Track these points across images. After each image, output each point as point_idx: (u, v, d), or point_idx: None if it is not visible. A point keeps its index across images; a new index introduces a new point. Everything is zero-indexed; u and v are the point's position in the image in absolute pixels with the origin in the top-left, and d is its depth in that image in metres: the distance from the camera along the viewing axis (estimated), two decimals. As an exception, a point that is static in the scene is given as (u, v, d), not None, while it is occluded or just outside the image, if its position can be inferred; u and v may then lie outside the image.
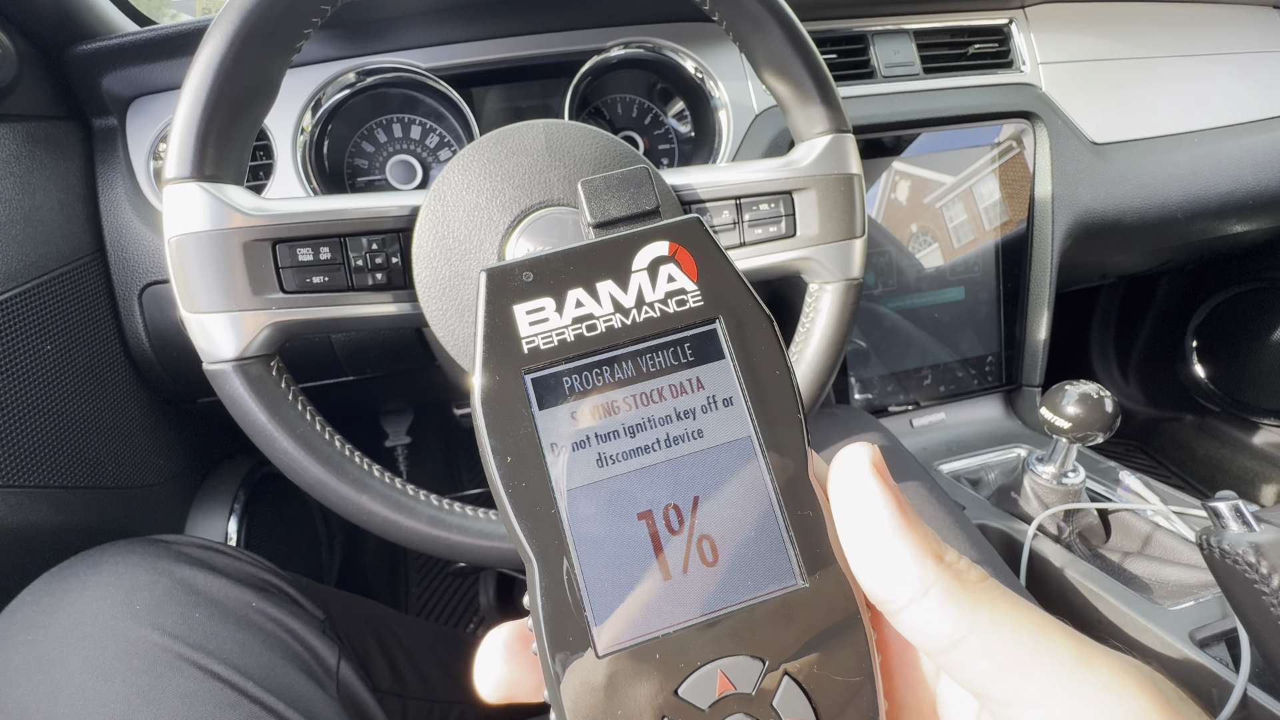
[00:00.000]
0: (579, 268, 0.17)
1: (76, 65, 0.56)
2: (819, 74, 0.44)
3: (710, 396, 0.17)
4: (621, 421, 0.16)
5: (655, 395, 0.17)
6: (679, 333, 0.17)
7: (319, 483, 0.40)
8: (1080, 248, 0.81)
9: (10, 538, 0.45)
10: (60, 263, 0.53)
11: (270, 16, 0.37)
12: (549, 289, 0.17)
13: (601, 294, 0.17)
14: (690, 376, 0.17)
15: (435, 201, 0.42)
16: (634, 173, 0.20)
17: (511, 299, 0.17)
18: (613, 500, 0.16)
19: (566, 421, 0.16)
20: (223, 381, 0.38)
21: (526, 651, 0.16)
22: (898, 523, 0.15)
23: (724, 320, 0.17)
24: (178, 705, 0.35)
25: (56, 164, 0.56)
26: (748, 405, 0.17)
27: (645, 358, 0.17)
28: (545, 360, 0.17)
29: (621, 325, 0.17)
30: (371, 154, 0.72)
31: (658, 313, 0.17)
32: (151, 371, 0.61)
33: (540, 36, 0.67)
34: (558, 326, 0.17)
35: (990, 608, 0.14)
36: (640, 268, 0.18)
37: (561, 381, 0.17)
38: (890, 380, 0.80)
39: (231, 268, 0.38)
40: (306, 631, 0.44)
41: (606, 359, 0.17)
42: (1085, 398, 0.56)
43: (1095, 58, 0.82)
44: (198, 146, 0.37)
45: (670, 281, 0.17)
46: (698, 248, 0.18)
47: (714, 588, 0.16)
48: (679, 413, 0.17)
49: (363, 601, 0.55)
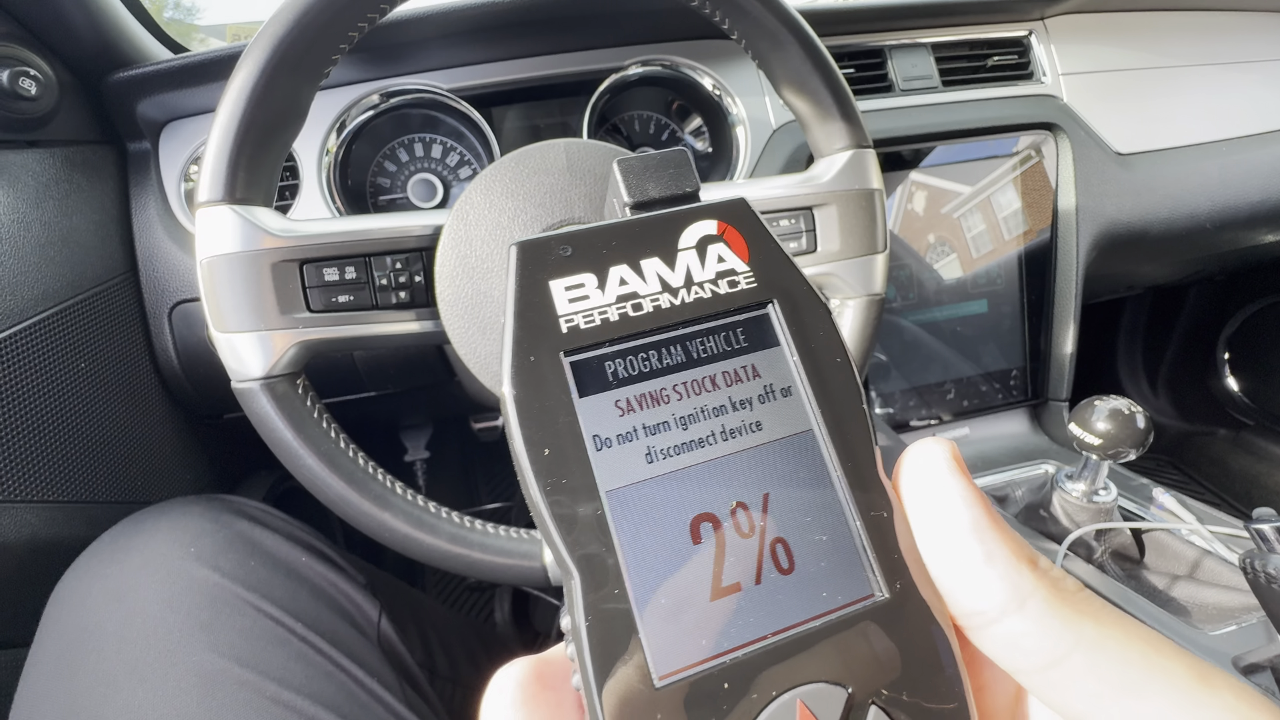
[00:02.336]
0: (622, 243, 0.16)
1: (113, 92, 0.58)
2: (839, 90, 0.44)
3: (767, 386, 0.15)
4: (672, 412, 0.15)
5: (708, 383, 0.15)
6: (731, 315, 0.16)
7: (342, 499, 0.40)
8: (1106, 259, 0.80)
9: (45, 552, 0.46)
10: (95, 282, 0.55)
11: (300, 44, 0.38)
12: (589, 264, 0.15)
13: (647, 271, 0.16)
14: (745, 363, 0.15)
15: (458, 221, 0.42)
16: (673, 154, 0.18)
17: (548, 273, 0.15)
18: (665, 501, 0.14)
19: (610, 411, 0.14)
20: (250, 400, 0.39)
21: (547, 693, 0.14)
22: (985, 524, 0.14)
23: (778, 304, 0.16)
24: (234, 638, 0.39)
25: (93, 187, 0.58)
26: (808, 395, 0.15)
27: (696, 341, 0.15)
28: (586, 341, 0.15)
29: (670, 305, 0.15)
30: (393, 173, 0.73)
31: (708, 293, 0.16)
32: (180, 388, 0.62)
33: (559, 56, 0.68)
34: (600, 304, 0.15)
35: (1095, 621, 0.13)
36: (688, 246, 0.16)
37: (604, 365, 0.15)
38: (912, 394, 0.79)
39: (260, 288, 0.38)
40: (350, 588, 0.47)
41: (655, 342, 0.15)
42: (1116, 413, 0.54)
43: (1117, 68, 0.81)
44: (229, 171, 0.37)
45: (720, 261, 0.16)
46: (747, 228, 0.16)
47: (783, 602, 0.14)
48: (734, 403, 0.15)
49: (399, 581, 0.56)
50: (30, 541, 0.45)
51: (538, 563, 0.43)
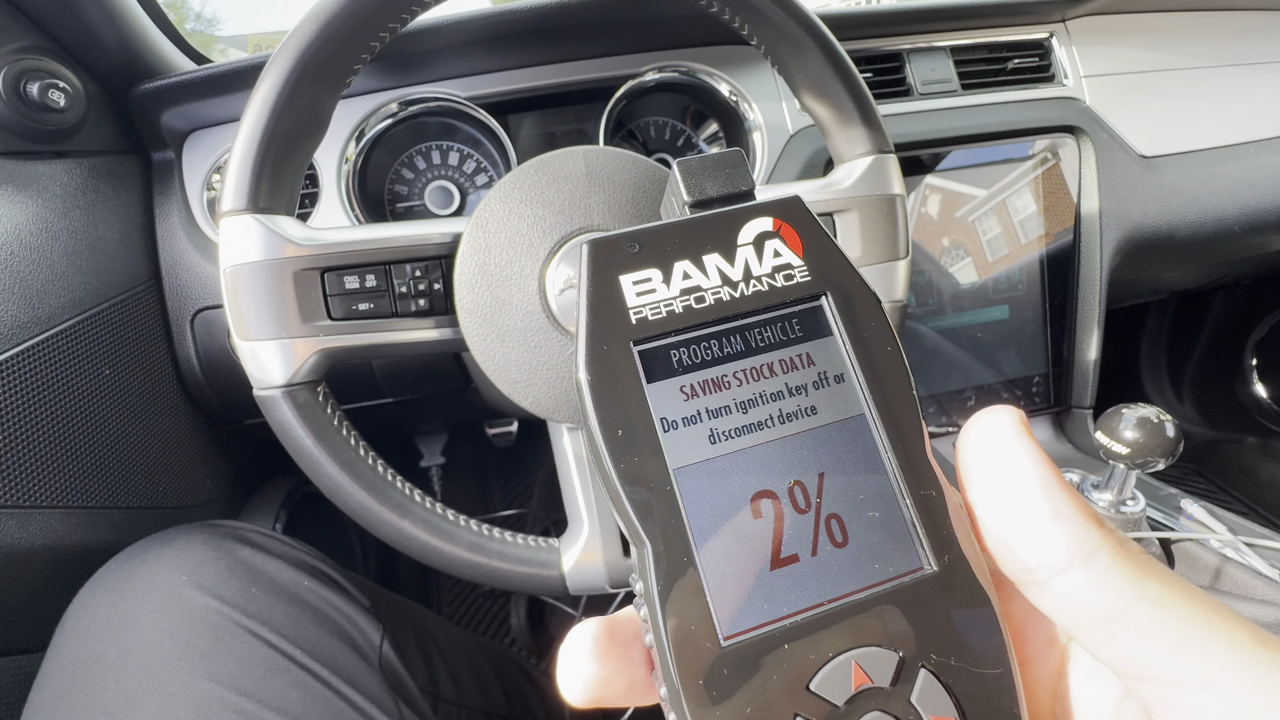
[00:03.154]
0: (685, 240, 0.17)
1: (138, 103, 0.59)
2: (860, 95, 0.44)
3: (821, 373, 0.16)
4: (733, 397, 0.16)
5: (766, 370, 0.16)
6: (787, 307, 0.17)
7: (362, 507, 0.40)
8: (1130, 264, 0.78)
9: (69, 558, 0.46)
10: (120, 290, 0.55)
11: (322, 55, 0.38)
12: (655, 259, 0.17)
13: (709, 266, 0.17)
14: (800, 352, 0.16)
15: (477, 229, 0.42)
16: (729, 154, 0.20)
17: (618, 269, 0.16)
18: (728, 478, 0.15)
19: (676, 395, 0.16)
20: (272, 407, 0.39)
21: (618, 647, 0.15)
22: (1054, 482, 0.14)
23: (831, 296, 0.17)
24: (232, 666, 0.39)
25: (118, 196, 0.59)
26: (860, 382, 0.16)
27: (754, 331, 0.17)
28: (654, 331, 0.16)
29: (730, 298, 0.17)
30: (411, 180, 0.74)
31: (765, 286, 0.17)
32: (201, 394, 0.63)
33: (575, 64, 0.69)
34: (665, 298, 0.16)
35: (1159, 580, 0.13)
36: (746, 242, 0.17)
37: (670, 354, 0.16)
38: (931, 402, 0.78)
39: (283, 296, 0.39)
40: (353, 611, 0.47)
41: (716, 332, 0.16)
42: (1144, 422, 0.53)
43: (1141, 69, 0.79)
44: (253, 180, 0.38)
45: (776, 256, 0.17)
46: (802, 225, 0.18)
47: (839, 572, 0.15)
48: (791, 389, 0.16)
49: (405, 601, 0.56)
50: (55, 547, 0.46)
51: (555, 571, 0.42)
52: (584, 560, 0.43)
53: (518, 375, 0.42)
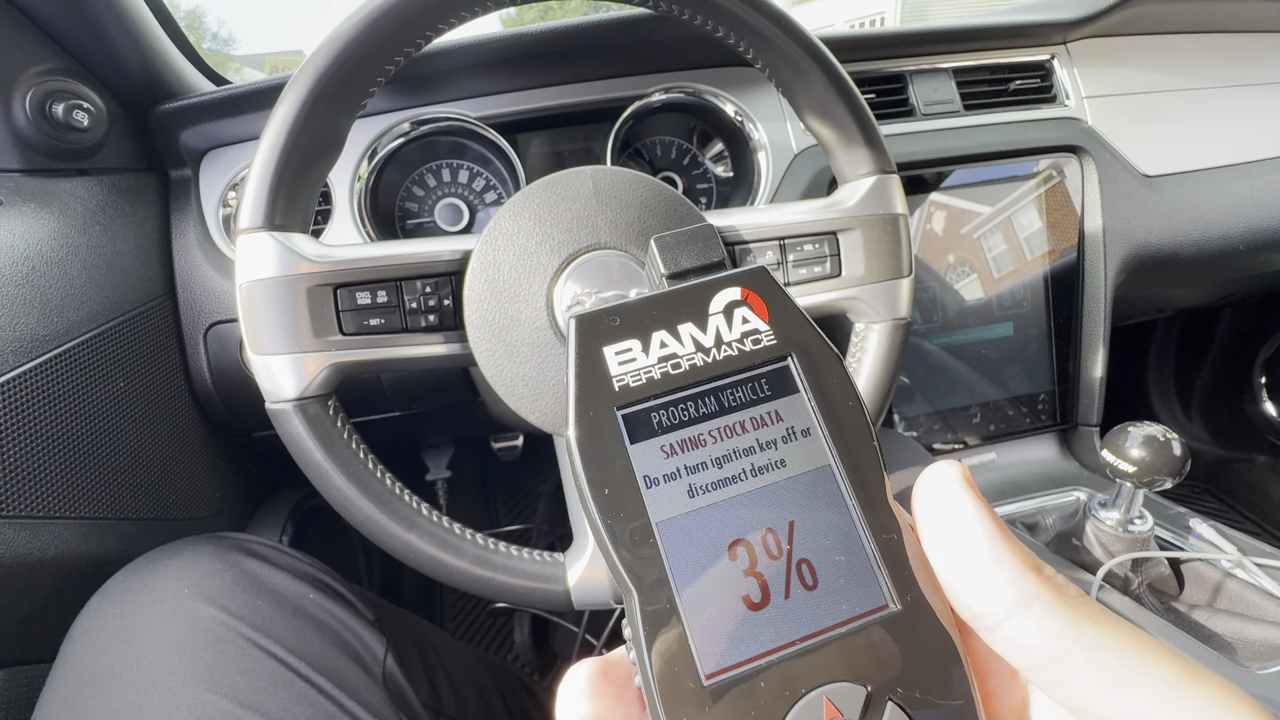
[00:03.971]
0: (661, 312, 0.18)
1: (159, 123, 0.61)
2: (862, 116, 0.45)
3: (789, 428, 0.18)
4: (709, 454, 0.17)
5: (738, 428, 0.17)
6: (756, 369, 0.18)
7: (369, 520, 0.40)
8: (1135, 282, 0.79)
9: (79, 568, 0.47)
10: (136, 304, 0.57)
11: (339, 77, 0.39)
12: (635, 331, 0.18)
13: (683, 335, 0.18)
14: (769, 409, 0.18)
15: (487, 246, 0.43)
16: (701, 229, 0.22)
17: (601, 341, 0.18)
18: (706, 529, 0.16)
19: (657, 455, 0.17)
20: (283, 420, 0.39)
21: (611, 686, 0.16)
22: (995, 535, 0.15)
23: (796, 356, 0.18)
24: (236, 679, 0.39)
25: (136, 212, 0.60)
26: (825, 435, 0.18)
27: (727, 393, 0.18)
28: (635, 397, 0.17)
29: (703, 363, 0.18)
30: (421, 197, 0.75)
31: (735, 351, 0.18)
32: (212, 407, 0.64)
33: (583, 85, 0.70)
34: (645, 365, 0.18)
35: (1094, 621, 0.14)
36: (716, 311, 0.19)
37: (651, 416, 0.17)
38: (936, 418, 0.78)
39: (296, 311, 0.39)
40: (357, 624, 0.47)
41: (692, 394, 0.18)
42: (1150, 440, 0.53)
43: (1142, 90, 0.80)
44: (270, 199, 0.39)
45: (745, 323, 0.19)
46: (767, 292, 0.19)
47: (810, 612, 0.16)
48: (761, 444, 0.17)
49: (408, 615, 0.56)
50: (66, 557, 0.46)
51: (560, 586, 0.43)
52: (589, 575, 0.43)
53: (525, 390, 0.43)
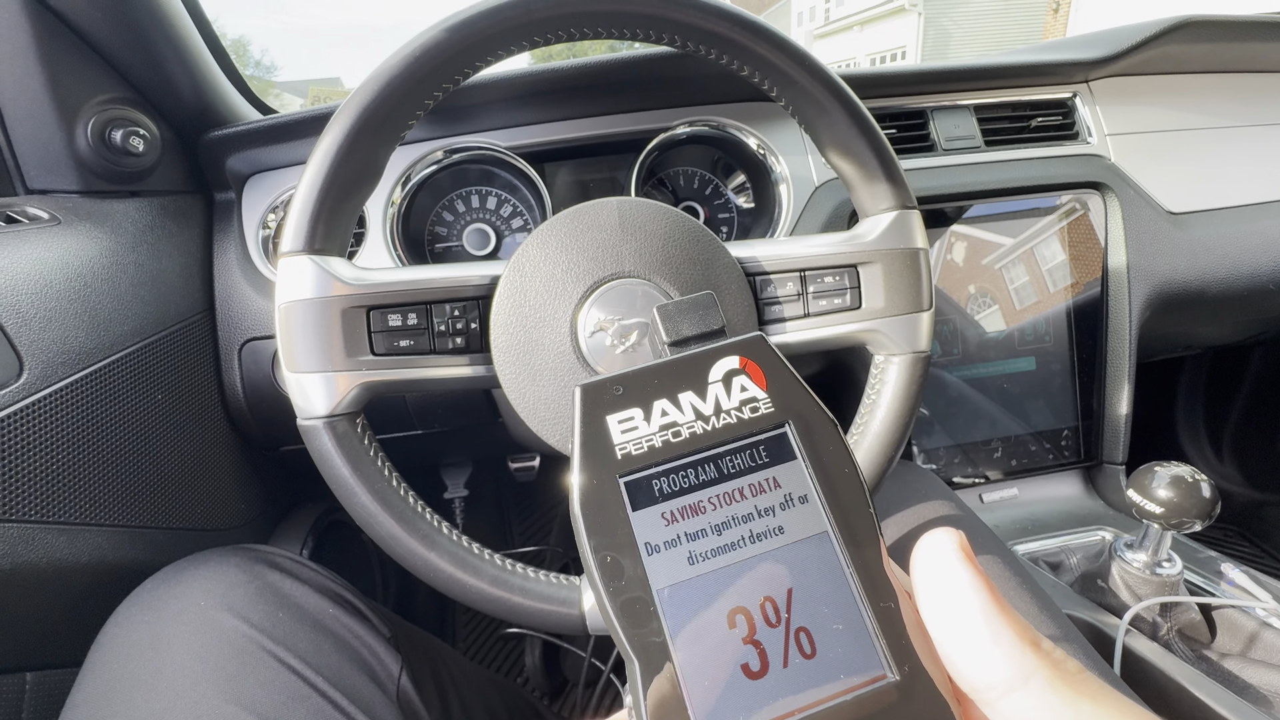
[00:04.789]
0: (663, 380, 0.19)
1: (207, 149, 0.64)
2: (883, 153, 0.46)
3: (787, 494, 0.18)
4: (708, 520, 0.17)
5: (737, 495, 0.18)
6: (754, 436, 0.18)
7: (391, 537, 0.41)
8: (1161, 319, 0.78)
9: (111, 575, 0.48)
10: (177, 320, 0.59)
11: (381, 112, 0.41)
12: (637, 400, 0.19)
13: (683, 403, 0.19)
14: (767, 476, 0.18)
15: (514, 272, 0.44)
16: (702, 298, 0.22)
17: (605, 410, 0.18)
18: (705, 597, 0.16)
19: (658, 521, 0.17)
20: (313, 436, 0.41)
21: None
22: (991, 609, 0.15)
23: (793, 424, 0.19)
24: (256, 691, 0.39)
25: (182, 232, 0.63)
26: (822, 502, 0.18)
27: (725, 460, 0.18)
28: (637, 465, 0.18)
29: (703, 431, 0.18)
30: (450, 222, 0.77)
31: (734, 419, 0.19)
32: (243, 420, 0.65)
33: (609, 118, 0.72)
34: (646, 434, 0.18)
35: (1092, 700, 0.14)
36: (716, 379, 0.19)
37: (652, 484, 0.18)
38: (957, 452, 0.77)
39: (330, 331, 0.41)
40: (374, 641, 0.47)
41: (691, 462, 0.18)
42: (1178, 481, 0.52)
43: (1166, 128, 0.80)
44: (311, 224, 0.41)
45: (743, 391, 0.19)
46: (764, 360, 0.20)
47: (809, 681, 0.16)
48: (759, 510, 0.17)
49: (423, 633, 0.56)
50: (99, 564, 0.48)
51: (576, 609, 0.43)
52: (604, 600, 0.43)
53: (547, 413, 0.44)
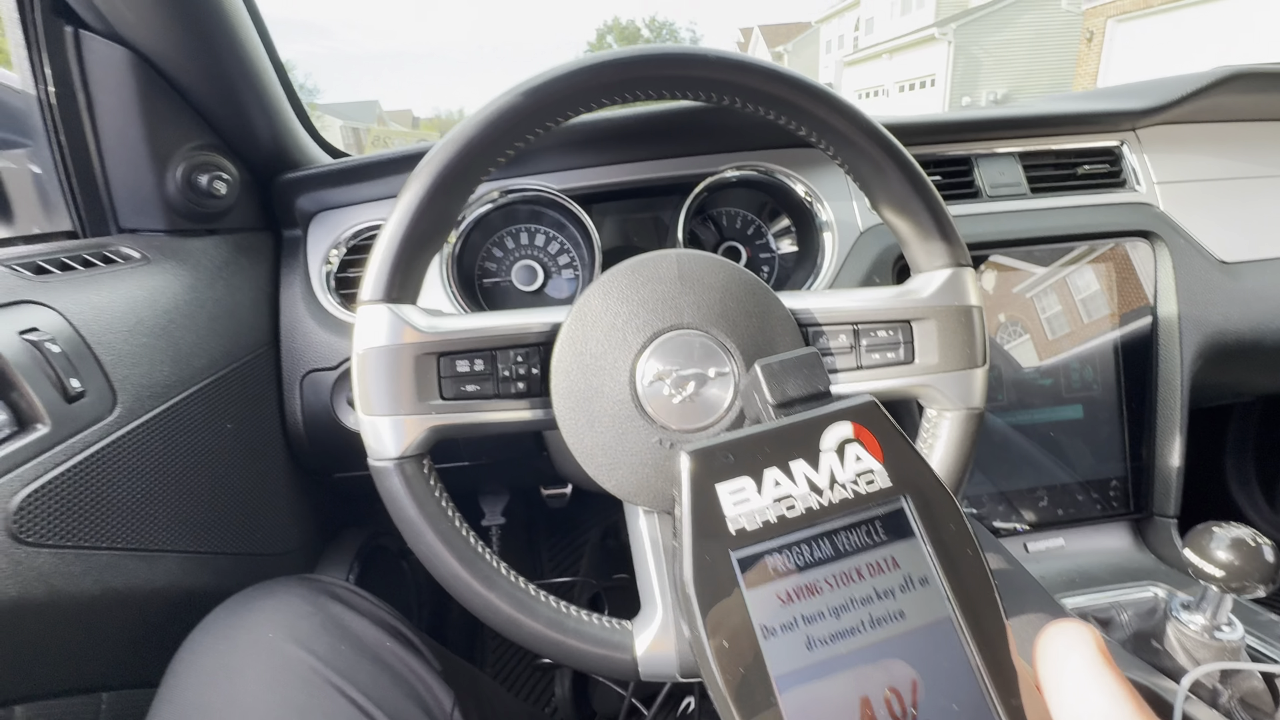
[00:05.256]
0: (774, 448, 0.19)
1: (280, 190, 0.68)
2: (938, 212, 0.47)
3: (907, 575, 0.17)
4: (825, 602, 0.17)
5: (854, 574, 0.17)
6: (870, 511, 0.18)
7: (454, 577, 0.42)
8: (1214, 369, 0.76)
9: (183, 599, 0.50)
10: (247, 353, 0.62)
11: (458, 170, 0.44)
12: (748, 468, 0.18)
13: (796, 474, 0.18)
14: (885, 555, 0.17)
15: (576, 321, 0.46)
16: (806, 356, 0.22)
17: (714, 478, 0.18)
18: (826, 685, 0.16)
19: (774, 602, 0.17)
20: (384, 477, 0.43)
21: None
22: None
23: (911, 499, 0.18)
24: None
25: (254, 268, 0.67)
26: (944, 585, 0.17)
27: (841, 536, 0.17)
28: (751, 541, 0.17)
29: (818, 505, 0.18)
30: (499, 258, 0.80)
31: (849, 492, 0.18)
32: (301, 448, 0.68)
33: (658, 162, 0.75)
34: (759, 506, 0.18)
35: None
36: (829, 448, 0.19)
37: (766, 561, 0.17)
38: (1000, 499, 0.76)
39: (404, 377, 0.43)
40: (428, 675, 0.49)
41: (806, 538, 0.17)
42: (1239, 544, 0.51)
43: (1216, 176, 0.80)
44: (390, 276, 0.43)
45: (858, 461, 0.18)
46: (879, 428, 0.19)
47: None
48: (878, 592, 0.17)
49: (469, 667, 0.57)
50: (171, 589, 0.50)
51: (629, 655, 0.43)
52: (657, 647, 0.44)
53: (604, 459, 0.45)
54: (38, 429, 0.41)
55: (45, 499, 0.40)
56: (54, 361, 0.42)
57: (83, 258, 0.51)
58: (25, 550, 0.38)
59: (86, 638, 0.44)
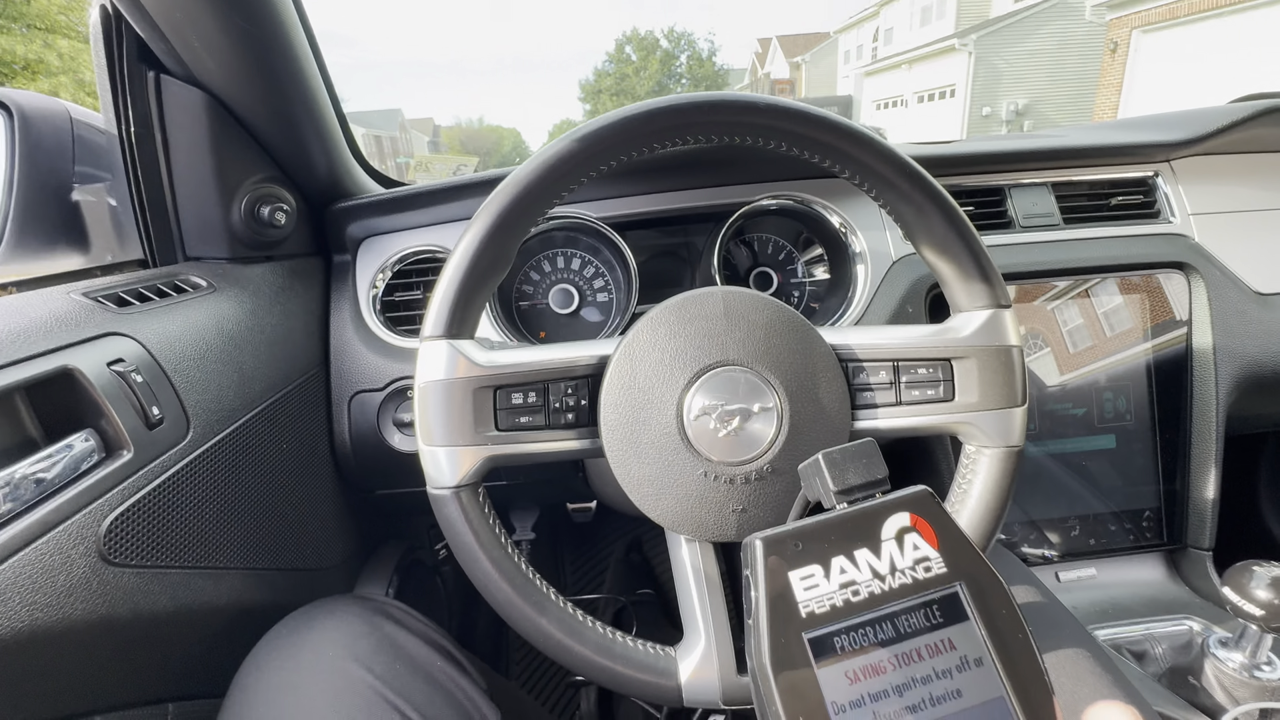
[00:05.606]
0: (839, 536, 0.21)
1: (333, 218, 0.71)
2: (979, 254, 0.48)
3: (963, 657, 0.19)
4: (889, 681, 0.18)
5: (915, 655, 0.19)
6: (929, 595, 0.20)
7: (508, 603, 0.44)
8: (1249, 400, 0.76)
9: (242, 614, 0.53)
10: (301, 374, 0.65)
11: (516, 212, 0.46)
12: (816, 556, 0.20)
13: (860, 561, 0.20)
14: (943, 638, 0.19)
15: (624, 355, 0.48)
16: (865, 445, 0.24)
17: (788, 565, 0.20)
18: None
19: (843, 681, 0.19)
20: (442, 505, 0.45)
21: None
22: None
23: (965, 585, 0.20)
24: None
25: (307, 292, 0.70)
26: (996, 666, 0.19)
27: (902, 619, 0.19)
28: (821, 623, 0.19)
29: (881, 591, 0.20)
30: (536, 281, 0.82)
31: (909, 579, 0.20)
32: (347, 465, 0.71)
33: (693, 192, 0.76)
34: (828, 591, 0.20)
35: None
36: (889, 537, 0.21)
37: (835, 641, 0.19)
38: (1031, 527, 0.77)
39: (462, 409, 0.45)
40: (476, 694, 0.51)
41: (871, 620, 0.19)
42: (1279, 583, 0.51)
43: (1252, 208, 0.80)
44: (451, 313, 0.45)
45: (915, 549, 0.21)
46: (934, 518, 0.21)
47: None
48: (937, 672, 0.19)
49: (514, 687, 0.59)
50: (234, 605, 0.52)
51: (673, 682, 0.45)
52: (700, 674, 0.45)
53: (650, 489, 0.47)
54: (123, 455, 0.43)
55: (130, 522, 0.43)
56: (137, 390, 0.45)
57: (157, 288, 0.54)
58: (113, 571, 0.41)
59: (158, 652, 0.47)
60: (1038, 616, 0.56)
